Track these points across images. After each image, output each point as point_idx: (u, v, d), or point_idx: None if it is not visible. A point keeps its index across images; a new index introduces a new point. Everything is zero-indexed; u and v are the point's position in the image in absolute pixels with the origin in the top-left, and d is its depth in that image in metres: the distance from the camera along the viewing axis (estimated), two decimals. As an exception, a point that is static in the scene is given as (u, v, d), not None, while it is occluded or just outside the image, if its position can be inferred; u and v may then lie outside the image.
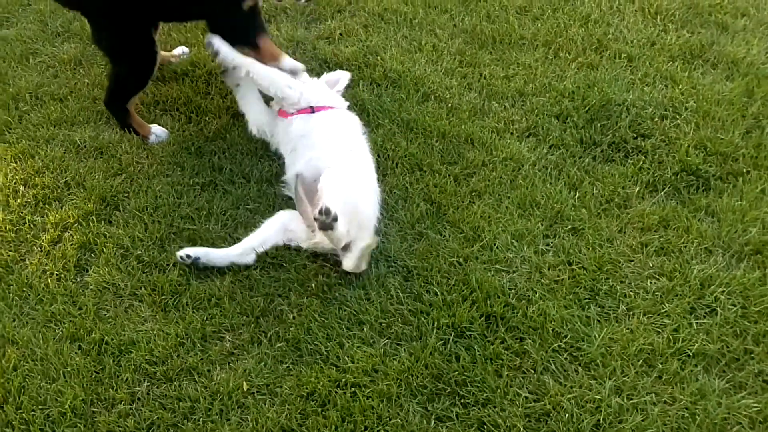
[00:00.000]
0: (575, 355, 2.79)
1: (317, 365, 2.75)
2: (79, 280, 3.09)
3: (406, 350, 2.79)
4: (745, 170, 3.57)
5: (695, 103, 3.97)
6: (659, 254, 3.19)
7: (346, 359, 2.76)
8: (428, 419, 2.61)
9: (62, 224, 3.29)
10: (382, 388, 2.67)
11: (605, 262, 3.13)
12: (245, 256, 3.11)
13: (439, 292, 2.99)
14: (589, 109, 3.93)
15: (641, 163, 3.62)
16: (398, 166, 3.62)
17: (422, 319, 2.90)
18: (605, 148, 3.72)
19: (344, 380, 2.70)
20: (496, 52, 4.44)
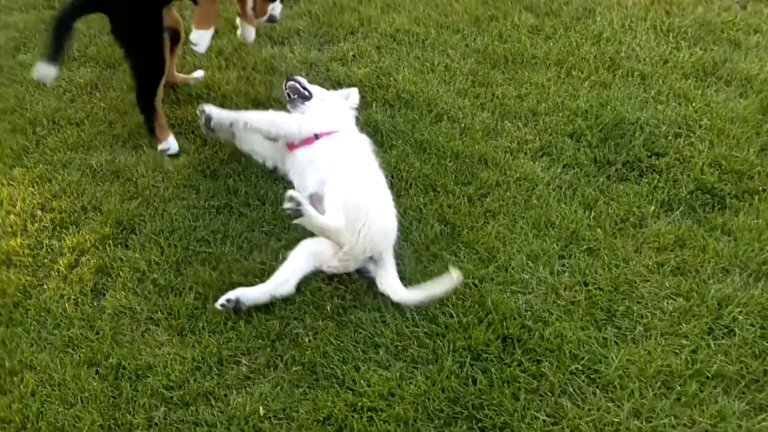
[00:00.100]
0: (593, 377, 2.77)
1: (333, 389, 2.74)
2: (96, 304, 3.10)
3: (422, 373, 2.78)
4: (761, 188, 3.55)
5: (709, 120, 3.97)
6: (676, 274, 3.17)
7: (362, 383, 2.75)
8: (445, 443, 2.60)
9: (79, 248, 3.32)
10: (398, 412, 2.66)
11: (621, 282, 3.12)
12: (282, 286, 3.07)
13: (454, 314, 2.98)
14: (602, 127, 3.92)
15: (656, 181, 3.61)
16: (412, 186, 3.63)
17: (438, 341, 2.89)
18: (619, 167, 3.71)
19: (360, 404, 2.68)
20: (508, 71, 4.45)
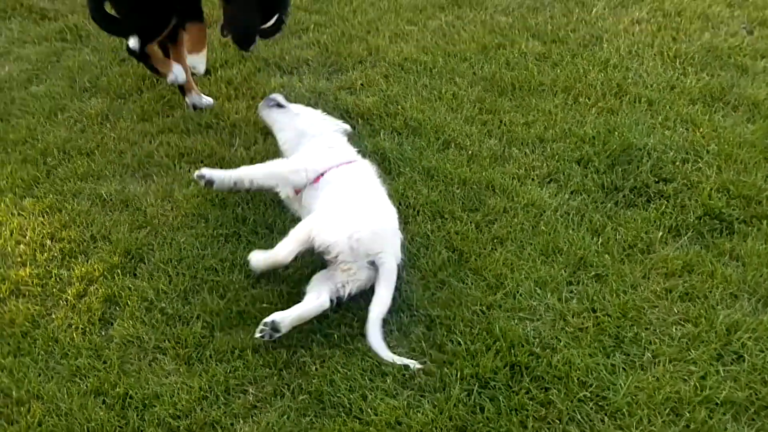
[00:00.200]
0: (601, 404, 2.74)
1: (340, 418, 2.73)
2: (104, 333, 3.11)
3: (429, 402, 2.76)
4: (769, 213, 3.55)
5: (717, 146, 3.96)
6: (684, 300, 3.15)
7: (369, 411, 2.73)
8: (453, 472, 2.59)
9: (88, 278, 3.33)
10: (405, 440, 2.65)
11: (630, 308, 3.10)
12: (314, 302, 3.06)
13: (462, 341, 2.97)
14: (610, 154, 3.93)
15: (664, 207, 3.60)
16: (419, 213, 3.63)
17: (446, 369, 2.87)
18: (627, 193, 3.71)
19: (368, 433, 2.68)
20: (515, 98, 4.47)
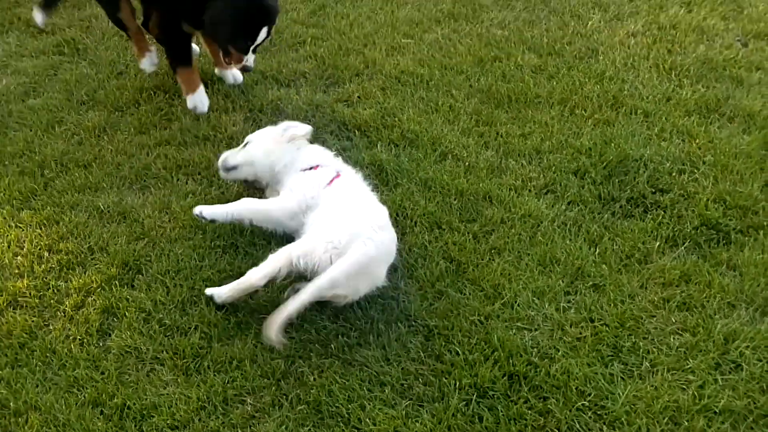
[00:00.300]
0: (599, 413, 2.74)
1: (338, 428, 2.73)
2: (101, 344, 3.10)
3: (428, 412, 2.76)
4: (765, 223, 3.55)
5: (713, 157, 3.98)
6: (682, 309, 3.16)
7: (367, 422, 2.73)
8: (452, 482, 2.58)
9: (85, 289, 3.33)
10: (404, 450, 2.64)
11: (627, 318, 3.11)
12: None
13: (460, 351, 2.97)
14: (606, 165, 3.94)
15: (660, 218, 3.61)
16: (417, 224, 3.64)
17: (444, 379, 2.87)
18: (624, 203, 3.72)
19: (366, 443, 2.67)
20: (512, 110, 4.49)
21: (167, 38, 4.53)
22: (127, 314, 3.20)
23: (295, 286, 3.15)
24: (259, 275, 3.07)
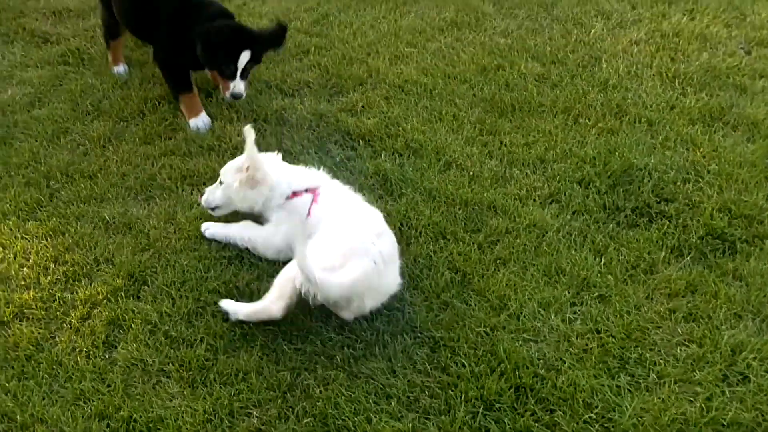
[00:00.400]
0: (606, 426, 2.74)
1: (345, 441, 2.73)
2: (107, 356, 3.10)
3: (434, 425, 2.76)
4: (771, 233, 3.56)
5: (717, 165, 3.99)
6: (688, 320, 3.16)
7: (374, 434, 2.73)
8: (459, 495, 2.57)
9: (91, 301, 3.33)
10: (411, 463, 2.64)
11: (634, 329, 3.10)
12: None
13: (466, 363, 2.97)
14: (611, 174, 3.95)
15: (666, 227, 3.61)
16: (422, 234, 3.64)
17: (450, 391, 2.87)
18: (629, 213, 3.73)
19: (373, 456, 2.67)
20: (515, 119, 4.50)
21: (165, 69, 4.67)
22: (133, 326, 3.20)
23: None
24: (278, 307, 3.07)
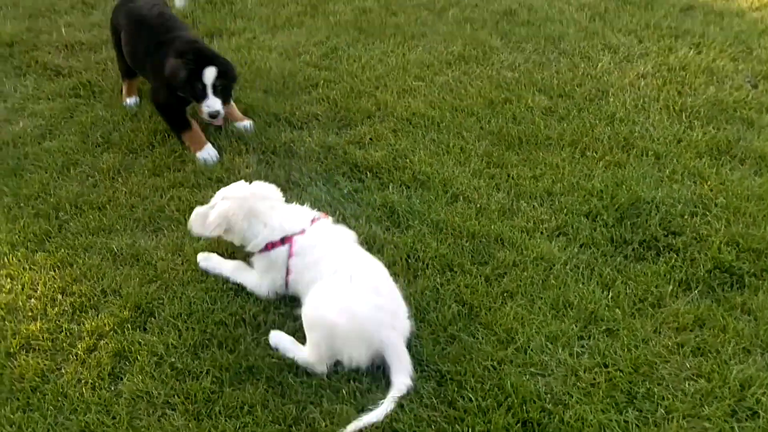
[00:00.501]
0: (615, 462, 2.72)
1: (351, 476, 2.71)
2: (113, 388, 3.09)
3: (441, 459, 2.74)
4: (780, 266, 3.54)
5: (725, 199, 3.98)
6: (696, 355, 3.14)
7: (380, 469, 2.71)
8: None
9: (98, 332, 3.33)
10: (417, 499, 2.61)
11: (641, 363, 3.08)
12: None
13: (473, 397, 2.95)
14: (618, 207, 3.95)
15: (673, 261, 3.60)
16: (429, 267, 3.64)
17: (457, 426, 2.84)
18: (636, 246, 3.72)
19: (379, 492, 2.65)
20: (522, 152, 4.51)
21: (160, 111, 4.74)
22: (139, 358, 3.19)
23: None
24: (322, 368, 3.11)
